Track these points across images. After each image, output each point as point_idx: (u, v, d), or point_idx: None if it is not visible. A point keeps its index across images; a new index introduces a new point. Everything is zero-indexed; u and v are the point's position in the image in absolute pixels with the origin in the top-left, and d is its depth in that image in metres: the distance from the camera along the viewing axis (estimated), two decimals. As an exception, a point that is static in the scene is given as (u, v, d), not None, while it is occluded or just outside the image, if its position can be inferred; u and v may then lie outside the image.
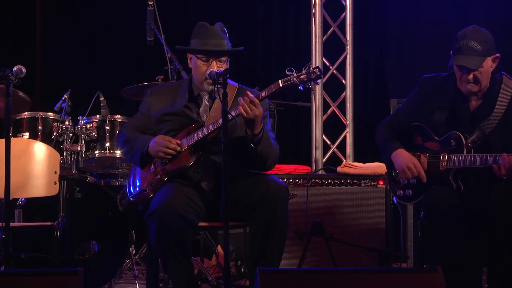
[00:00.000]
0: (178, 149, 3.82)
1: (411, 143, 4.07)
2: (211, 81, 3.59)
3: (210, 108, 3.94)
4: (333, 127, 6.52)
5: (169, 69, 5.18)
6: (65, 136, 4.91)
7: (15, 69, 3.61)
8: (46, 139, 4.87)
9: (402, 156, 4.01)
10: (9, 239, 3.54)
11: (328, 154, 6.39)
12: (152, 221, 3.68)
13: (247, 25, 6.92)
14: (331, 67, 6.43)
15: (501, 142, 3.82)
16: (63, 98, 5.00)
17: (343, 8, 6.42)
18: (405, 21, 6.74)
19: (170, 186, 3.80)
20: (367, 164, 5.16)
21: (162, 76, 5.22)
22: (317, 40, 6.35)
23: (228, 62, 3.93)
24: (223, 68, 3.81)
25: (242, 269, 5.22)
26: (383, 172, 4.92)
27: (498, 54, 3.88)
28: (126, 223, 4.80)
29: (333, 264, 4.46)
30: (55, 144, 4.88)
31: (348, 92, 6.40)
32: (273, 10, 7.11)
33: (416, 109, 4.08)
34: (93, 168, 5.25)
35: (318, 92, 6.31)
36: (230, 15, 6.66)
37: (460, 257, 3.81)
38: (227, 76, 3.46)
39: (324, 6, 6.40)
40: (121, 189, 4.14)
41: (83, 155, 4.95)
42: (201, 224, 3.81)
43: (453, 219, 3.77)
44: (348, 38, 6.40)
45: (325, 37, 6.40)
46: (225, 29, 3.98)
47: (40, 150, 4.49)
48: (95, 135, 4.99)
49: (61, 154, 4.84)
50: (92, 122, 5.00)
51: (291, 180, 4.98)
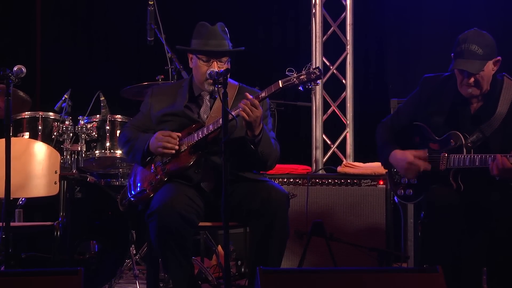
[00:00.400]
0: (181, 148, 3.82)
1: (411, 142, 4.07)
2: (211, 81, 3.59)
3: (211, 108, 3.94)
4: (333, 127, 6.52)
5: (170, 69, 5.18)
6: (65, 136, 4.91)
7: (15, 69, 3.61)
8: (47, 139, 4.87)
9: (398, 158, 4.00)
10: (9, 239, 3.54)
11: (328, 154, 6.40)
12: (152, 221, 3.68)
13: (248, 24, 6.92)
14: (331, 67, 6.43)
15: (501, 144, 3.81)
16: (63, 98, 5.01)
17: (343, 8, 6.42)
18: (405, 21, 6.74)
19: (170, 186, 3.80)
20: (367, 164, 5.17)
21: (163, 76, 5.22)
22: (317, 40, 6.35)
23: (229, 62, 3.93)
24: (224, 68, 3.81)
25: (242, 269, 5.22)
26: (383, 172, 4.91)
27: (499, 58, 3.86)
28: (126, 223, 4.80)
29: (333, 264, 4.45)
30: (55, 144, 4.88)
31: (348, 92, 6.41)
32: (273, 10, 7.12)
33: (416, 109, 4.08)
34: (93, 168, 5.25)
35: (318, 92, 6.31)
36: (230, 14, 6.66)
37: (460, 257, 3.81)
38: (228, 76, 3.45)
39: (324, 6, 6.41)
40: (121, 189, 4.14)
41: (83, 155, 4.95)
42: (201, 224, 3.81)
43: (453, 218, 3.77)
44: (348, 38, 6.40)
45: (325, 37, 6.40)
46: (226, 29, 3.98)
47: (40, 150, 4.49)
48: (95, 135, 4.99)
49: (61, 154, 4.84)
50: (92, 122, 5.00)
51: (291, 180, 4.98)
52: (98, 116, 5.04)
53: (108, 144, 4.99)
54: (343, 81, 6.43)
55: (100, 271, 4.72)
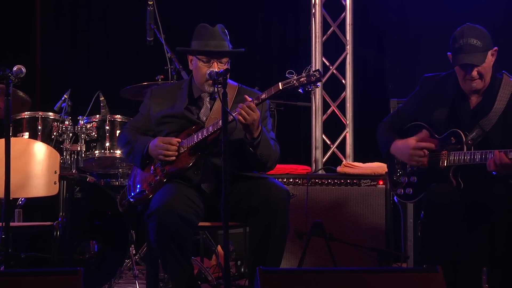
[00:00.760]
0: (181, 150, 3.82)
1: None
2: (211, 82, 3.59)
3: (210, 110, 3.94)
4: (333, 127, 6.52)
5: (169, 69, 5.18)
6: (65, 136, 4.91)
7: (15, 69, 3.61)
8: (46, 139, 4.87)
9: (399, 147, 4.01)
10: (9, 239, 3.54)
11: (328, 154, 6.39)
12: (151, 221, 3.68)
13: (247, 24, 6.92)
14: (331, 67, 6.43)
15: (501, 140, 3.83)
16: (63, 98, 5.00)
17: (343, 8, 6.42)
18: (405, 21, 6.74)
19: (169, 186, 3.80)
20: (367, 164, 5.17)
21: (162, 76, 5.21)
22: (317, 40, 6.35)
23: (229, 63, 3.93)
24: (224, 69, 3.80)
25: (242, 269, 5.22)
26: (383, 172, 4.92)
27: (496, 48, 3.89)
28: (126, 223, 4.79)
29: (333, 264, 4.46)
30: (55, 144, 4.88)
31: (348, 92, 6.40)
32: (273, 10, 7.11)
33: (416, 108, 4.09)
34: (93, 168, 5.25)
35: (318, 92, 6.31)
36: (230, 14, 6.66)
37: (460, 257, 3.81)
38: (227, 76, 3.45)
39: (324, 6, 6.40)
40: (121, 189, 4.13)
41: (83, 155, 4.95)
42: (201, 224, 3.81)
43: (453, 216, 3.78)
44: (348, 38, 6.40)
45: (325, 37, 6.40)
46: (226, 30, 3.98)
47: (40, 150, 4.49)
48: (95, 135, 4.99)
49: (61, 154, 4.84)
50: (92, 122, 5.00)
51: (291, 180, 4.98)
52: (97, 116, 5.04)
53: (107, 144, 4.99)
54: (343, 81, 6.43)
55: (100, 271, 4.71)
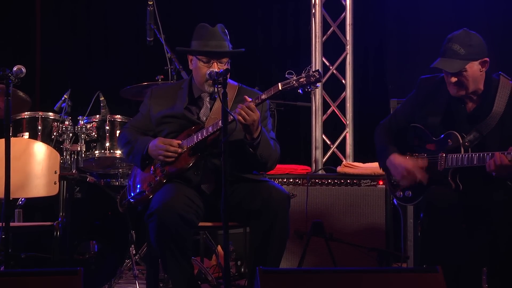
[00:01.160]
0: (179, 150, 3.82)
1: (408, 144, 4.06)
2: (211, 82, 3.59)
3: (210, 110, 3.94)
4: (333, 127, 6.52)
5: (169, 69, 5.18)
6: (65, 136, 4.91)
7: (15, 69, 3.61)
8: (46, 139, 4.87)
9: (395, 163, 3.99)
10: (9, 239, 3.54)
11: (328, 154, 6.40)
12: (151, 222, 3.68)
13: (247, 25, 6.92)
14: (331, 67, 6.43)
15: (498, 143, 3.80)
16: (63, 98, 5.00)
17: (343, 8, 6.42)
18: (405, 21, 6.74)
19: (170, 186, 3.80)
20: (367, 164, 5.16)
21: (162, 76, 5.22)
22: (317, 40, 6.35)
23: (229, 63, 3.93)
24: (224, 69, 3.80)
25: (242, 269, 5.22)
26: (383, 172, 4.91)
27: (486, 59, 3.83)
28: (126, 223, 4.79)
29: (333, 264, 4.46)
30: (55, 144, 4.88)
31: (348, 92, 6.40)
32: (273, 10, 7.12)
33: (413, 110, 4.07)
34: (93, 168, 5.25)
35: (318, 92, 6.31)
36: (230, 14, 6.66)
37: (460, 257, 3.81)
38: (227, 76, 3.45)
39: (324, 6, 6.41)
40: (121, 189, 4.13)
41: (83, 155, 4.95)
42: (201, 224, 3.81)
43: (452, 218, 3.77)
44: (348, 38, 6.40)
45: (325, 37, 6.40)
46: (226, 30, 3.98)
47: (40, 150, 4.49)
48: (95, 135, 4.99)
49: (61, 154, 4.84)
50: (92, 122, 5.00)
51: (291, 180, 4.98)
52: (97, 116, 5.04)
53: (107, 144, 4.99)
54: (343, 81, 6.43)
55: (100, 271, 4.71)
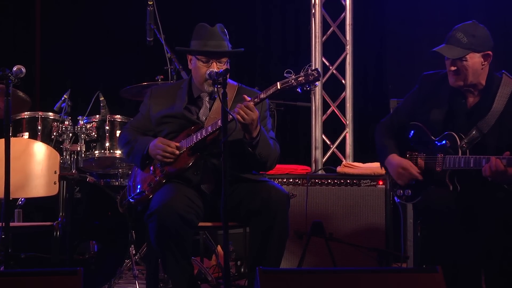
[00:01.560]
0: (177, 152, 3.82)
1: (408, 143, 4.07)
2: (211, 82, 3.59)
3: (210, 110, 3.94)
4: (333, 127, 6.52)
5: (169, 69, 5.18)
6: (65, 136, 4.91)
7: (15, 69, 3.61)
8: (46, 139, 4.87)
9: (393, 163, 4.01)
10: (9, 239, 3.54)
11: (328, 154, 6.39)
12: (151, 222, 3.67)
13: (247, 25, 6.92)
14: (331, 67, 6.43)
15: (496, 143, 3.81)
16: (63, 98, 5.00)
17: (343, 8, 6.42)
18: (405, 21, 6.74)
19: (169, 186, 3.80)
20: (367, 164, 5.16)
21: (162, 76, 5.22)
22: (317, 40, 6.35)
23: (228, 63, 3.93)
24: (223, 69, 3.80)
25: (242, 269, 5.22)
26: (383, 172, 4.89)
27: (489, 52, 3.85)
28: (125, 223, 4.79)
29: (333, 264, 4.46)
30: (55, 144, 4.88)
31: (348, 92, 6.40)
32: (273, 10, 7.12)
33: (414, 106, 4.08)
34: (93, 168, 5.25)
35: (318, 92, 6.31)
36: (230, 15, 6.66)
37: (460, 257, 3.81)
38: (227, 76, 3.45)
39: (324, 6, 6.40)
40: (121, 189, 4.14)
41: (83, 155, 4.95)
42: (201, 224, 3.81)
43: (450, 220, 3.77)
44: (348, 38, 6.40)
45: (325, 37, 6.40)
46: (225, 30, 3.98)
47: (40, 150, 4.48)
48: (95, 135, 4.99)
49: (61, 154, 4.84)
50: (92, 122, 5.00)
51: (291, 180, 4.97)
52: (97, 116, 5.04)
53: (107, 144, 4.99)
54: (343, 81, 6.43)
55: (100, 271, 4.71)
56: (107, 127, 4.99)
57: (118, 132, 4.99)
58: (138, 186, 3.93)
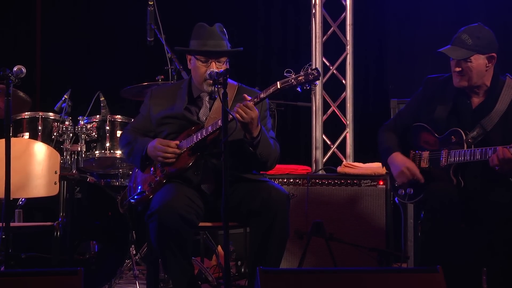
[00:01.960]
0: (178, 151, 3.82)
1: (412, 143, 4.09)
2: (211, 82, 3.58)
3: (210, 110, 3.94)
4: (333, 127, 6.52)
5: (169, 69, 5.18)
6: (65, 136, 4.91)
7: (15, 69, 3.61)
8: (46, 139, 4.87)
9: (397, 161, 4.03)
10: (9, 239, 3.54)
11: (328, 154, 6.39)
12: (152, 222, 3.68)
13: (247, 25, 6.92)
14: (331, 67, 6.43)
15: (501, 139, 3.84)
16: (63, 98, 5.01)
17: (343, 8, 6.42)
18: (405, 21, 6.74)
19: (170, 186, 3.80)
20: (367, 164, 5.16)
21: (162, 76, 5.22)
22: (317, 40, 6.35)
23: (227, 63, 3.93)
24: (223, 68, 3.80)
25: (242, 269, 5.22)
26: (383, 172, 4.92)
27: (493, 54, 3.91)
28: (126, 223, 4.79)
29: (333, 264, 4.46)
30: (55, 144, 4.88)
31: (348, 92, 6.40)
32: (273, 10, 7.12)
33: (418, 109, 4.11)
34: (93, 168, 5.26)
35: (318, 92, 6.31)
36: (230, 15, 6.66)
37: (460, 257, 3.81)
38: (228, 76, 3.45)
39: (324, 6, 6.40)
40: (121, 189, 4.14)
41: (83, 155, 4.95)
42: (201, 224, 3.81)
43: (453, 215, 3.79)
44: (348, 38, 6.40)
45: (325, 37, 6.40)
46: (225, 29, 3.98)
47: (40, 150, 4.48)
48: (95, 135, 4.99)
49: (61, 154, 4.84)
50: (92, 122, 5.01)
51: (291, 180, 4.97)
52: (98, 116, 5.04)
53: (108, 144, 4.99)
54: (343, 81, 6.43)
55: (100, 271, 4.71)
56: (107, 127, 5.00)
57: (118, 132, 4.99)
58: (139, 187, 3.93)
